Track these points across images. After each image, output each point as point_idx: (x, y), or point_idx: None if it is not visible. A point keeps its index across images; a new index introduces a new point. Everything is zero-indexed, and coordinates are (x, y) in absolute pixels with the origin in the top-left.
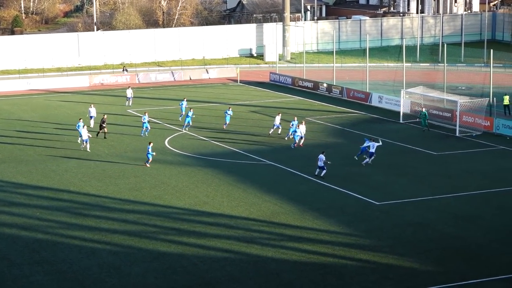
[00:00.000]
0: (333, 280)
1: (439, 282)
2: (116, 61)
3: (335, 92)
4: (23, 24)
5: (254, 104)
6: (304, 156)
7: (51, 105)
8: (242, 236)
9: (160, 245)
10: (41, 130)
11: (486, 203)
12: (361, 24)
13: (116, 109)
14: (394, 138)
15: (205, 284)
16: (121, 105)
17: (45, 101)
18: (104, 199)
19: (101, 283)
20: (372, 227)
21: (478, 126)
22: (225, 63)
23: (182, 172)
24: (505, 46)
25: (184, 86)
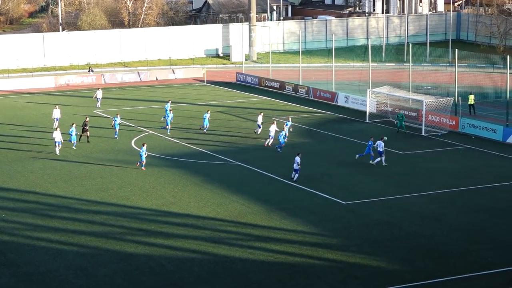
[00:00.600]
0: (301, 279)
1: (405, 281)
2: (82, 62)
3: (301, 92)
4: None
5: (221, 104)
6: (271, 156)
7: (16, 106)
8: (210, 237)
9: (127, 246)
10: (6, 131)
11: (452, 202)
12: (327, 24)
13: (82, 110)
14: (361, 137)
15: (172, 285)
16: (87, 106)
17: (10, 102)
18: (70, 200)
19: (68, 285)
20: (339, 226)
21: (443, 126)
22: (192, 63)
23: (149, 173)
24: (469, 45)
25: (150, 87)
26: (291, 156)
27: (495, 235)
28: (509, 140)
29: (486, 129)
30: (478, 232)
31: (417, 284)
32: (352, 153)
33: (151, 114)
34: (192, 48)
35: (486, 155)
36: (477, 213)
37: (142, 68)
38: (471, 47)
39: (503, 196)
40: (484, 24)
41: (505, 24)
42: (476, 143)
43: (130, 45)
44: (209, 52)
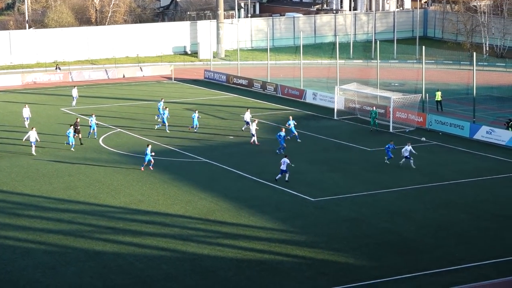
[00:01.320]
0: (270, 276)
1: (374, 276)
2: (49, 60)
3: (269, 89)
4: None
5: (189, 101)
6: (240, 153)
7: None
8: (178, 234)
9: (96, 244)
10: None
11: (419, 198)
12: (295, 21)
13: (50, 108)
14: (329, 134)
15: (141, 282)
16: (54, 104)
17: None
18: (38, 198)
19: (36, 283)
20: (308, 223)
21: (411, 122)
22: (159, 61)
23: (117, 171)
24: (436, 42)
25: (118, 84)
26: (259, 153)
27: (461, 230)
28: (476, 137)
29: (453, 126)
30: (445, 227)
31: (385, 280)
32: (320, 150)
33: (119, 112)
34: (160, 45)
35: (453, 151)
36: (444, 209)
37: (110, 66)
38: (438, 44)
39: (470, 192)
40: (450, 21)
41: (472, 21)
42: (444, 140)
43: (97, 43)
44: (177, 49)
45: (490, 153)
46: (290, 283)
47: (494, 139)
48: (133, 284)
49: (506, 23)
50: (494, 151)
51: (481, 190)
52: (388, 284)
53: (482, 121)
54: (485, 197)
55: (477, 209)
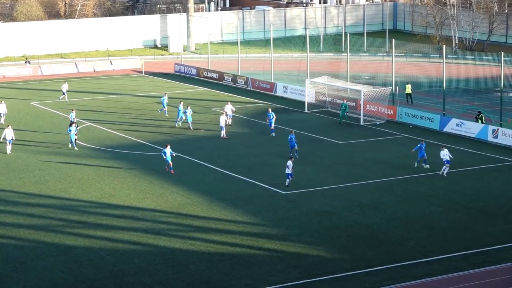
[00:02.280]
0: (242, 270)
1: (345, 269)
2: (18, 53)
3: (240, 82)
4: None
5: (160, 95)
6: (210, 147)
7: None
8: (150, 228)
9: (67, 239)
10: None
11: (390, 191)
12: (265, 15)
13: (19, 102)
14: (300, 127)
15: (113, 277)
16: (24, 99)
17: None
18: (8, 193)
19: (6, 278)
20: (279, 216)
21: (381, 115)
22: (130, 54)
23: (88, 165)
24: (406, 35)
25: (88, 78)
26: (230, 146)
27: (432, 223)
28: (446, 129)
29: (424, 118)
30: (416, 220)
31: (356, 272)
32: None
33: (89, 106)
34: (130, 39)
35: None
36: (415, 202)
37: (80, 60)
38: (408, 37)
39: (440, 184)
40: (420, 14)
41: (441, 14)
42: (414, 132)
43: (67, 36)
44: (147, 43)
45: (460, 146)
46: (262, 276)
47: (464, 131)
48: (105, 278)
49: (475, 16)
50: (464, 144)
51: (451, 182)
52: (359, 277)
53: (452, 114)
54: (455, 189)
55: (448, 201)
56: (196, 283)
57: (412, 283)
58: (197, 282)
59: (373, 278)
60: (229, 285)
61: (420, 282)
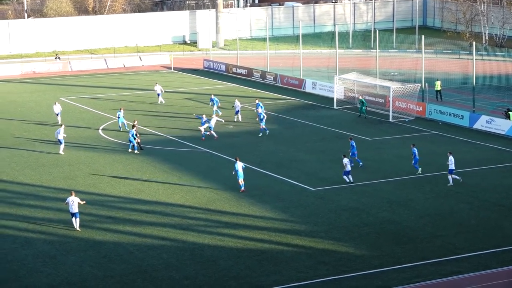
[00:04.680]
0: (270, 266)
1: (374, 266)
2: (48, 49)
3: (269, 78)
4: None
5: (188, 91)
6: (239, 143)
7: None
8: (178, 224)
9: (96, 234)
10: None
11: (419, 188)
12: (294, 11)
13: (49, 97)
14: (328, 124)
15: (141, 272)
16: (53, 94)
17: None
18: (38, 188)
19: (36, 273)
20: (308, 212)
21: (410, 112)
22: (159, 50)
23: (117, 160)
24: (436, 32)
25: (117, 74)
26: (259, 143)
27: (461, 220)
28: (475, 126)
29: (453, 115)
30: (445, 217)
31: (385, 269)
32: (320, 140)
33: (118, 101)
34: (159, 35)
35: (453, 141)
36: (444, 199)
37: (109, 55)
38: (438, 33)
39: (470, 181)
40: (450, 10)
41: (471, 11)
42: (443, 129)
43: (97, 32)
44: (176, 39)
45: (490, 143)
46: (290, 273)
47: (494, 128)
48: (133, 274)
49: (505, 12)
50: (493, 141)
51: (481, 179)
52: (388, 274)
53: (481, 111)
54: (485, 187)
55: (477, 199)
56: (224, 278)
57: (441, 280)
58: (226, 278)
59: (401, 275)
60: (257, 281)
61: (449, 280)
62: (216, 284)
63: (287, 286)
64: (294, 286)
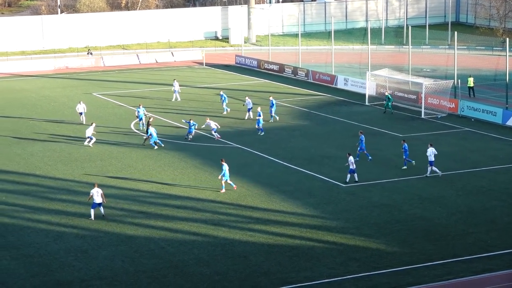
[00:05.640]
0: (301, 262)
1: (405, 263)
2: (81, 45)
3: (300, 74)
4: None
5: (220, 87)
6: (270, 138)
7: (15, 88)
8: (210, 219)
9: (127, 229)
10: (5, 114)
11: (451, 185)
12: (326, 7)
13: (82, 93)
14: (360, 120)
15: (173, 267)
16: (86, 89)
17: (9, 85)
18: (70, 182)
19: (68, 267)
20: (339, 209)
21: (443, 108)
22: (191, 46)
23: (148, 156)
24: (469, 28)
25: (150, 69)
26: (290, 139)
27: (494, 217)
28: (508, 123)
29: (486, 112)
30: (477, 214)
31: (416, 266)
32: (351, 136)
33: (150, 97)
34: (191, 30)
35: (485, 138)
36: (476, 196)
37: (141, 51)
38: (471, 29)
39: (502, 178)
40: (483, 6)
41: (505, 7)
42: (476, 126)
43: (129, 28)
44: (208, 34)
45: None
46: (321, 269)
47: None
48: (165, 269)
49: None
50: None
51: None
52: (419, 271)
53: None
54: None
55: (509, 196)
56: (255, 274)
57: (473, 278)
58: (256, 274)
59: (432, 272)
60: (288, 277)
61: (480, 277)
62: (246, 280)
63: (318, 282)
64: (325, 283)
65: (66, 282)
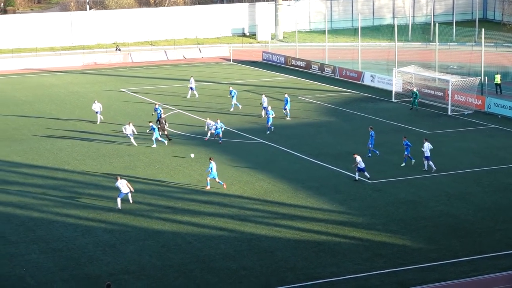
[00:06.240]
0: (327, 257)
1: (431, 259)
2: (109, 41)
3: (327, 71)
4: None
5: (247, 83)
6: (296, 135)
7: (44, 84)
8: (236, 214)
9: (155, 224)
10: (34, 109)
11: (477, 181)
12: (353, 4)
13: (109, 88)
14: (386, 116)
15: (199, 262)
16: (114, 85)
17: (39, 80)
18: (98, 177)
19: (96, 261)
20: (365, 205)
21: (469, 105)
22: (218, 42)
23: (176, 151)
24: (496, 25)
25: (177, 65)
26: (316, 135)
27: None
28: None
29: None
30: (504, 211)
31: (442, 262)
32: (378, 132)
33: (178, 93)
34: (219, 27)
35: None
36: (503, 192)
37: (169, 47)
38: (498, 26)
39: None
40: (511, 3)
41: None
42: (502, 123)
43: (157, 24)
44: (235, 31)
45: None
46: (347, 264)
47: None
48: (192, 263)
49: None
50: None
51: None
52: (445, 267)
53: None
54: None
55: None
56: (281, 269)
57: (499, 274)
58: (282, 269)
59: (458, 268)
60: (314, 273)
61: (507, 274)
62: (273, 275)
63: (344, 278)
64: (351, 278)
65: (94, 275)
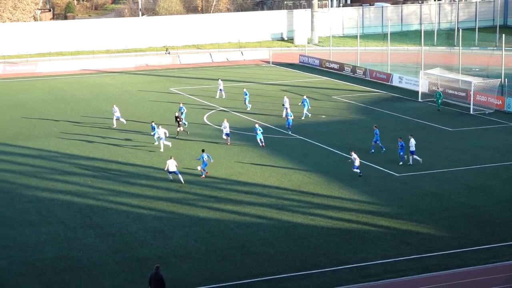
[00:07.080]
0: (357, 244)
1: (453, 246)
2: (159, 44)
3: (359, 73)
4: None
5: (285, 83)
6: (330, 131)
7: (101, 83)
8: (274, 204)
9: (200, 211)
10: (92, 106)
11: (497, 175)
12: (383, 11)
13: (159, 87)
14: (413, 115)
15: (240, 247)
16: (163, 85)
17: (96, 80)
18: (149, 169)
19: (146, 245)
20: (393, 196)
21: (490, 105)
22: (259, 46)
23: (219, 146)
24: None
25: (221, 67)
26: (348, 131)
27: None
28: None
29: None
30: None
31: (464, 250)
32: (405, 130)
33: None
34: (259, 32)
35: None
36: None
37: (214, 50)
38: None
39: None
40: None
41: None
42: None
43: (203, 29)
44: (275, 36)
45: None
46: (376, 251)
47: None
48: (233, 248)
49: None
50: None
51: None
52: (467, 254)
53: None
54: None
55: None
56: (315, 255)
57: None
58: (316, 254)
59: (479, 255)
60: (345, 258)
61: None
62: (307, 260)
63: (373, 263)
64: (379, 263)
65: (144, 258)
